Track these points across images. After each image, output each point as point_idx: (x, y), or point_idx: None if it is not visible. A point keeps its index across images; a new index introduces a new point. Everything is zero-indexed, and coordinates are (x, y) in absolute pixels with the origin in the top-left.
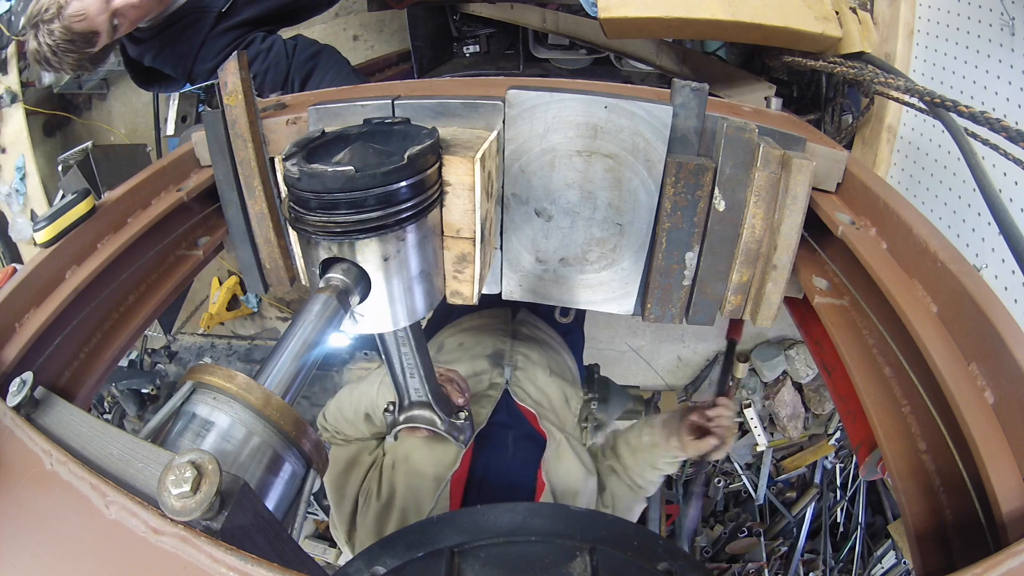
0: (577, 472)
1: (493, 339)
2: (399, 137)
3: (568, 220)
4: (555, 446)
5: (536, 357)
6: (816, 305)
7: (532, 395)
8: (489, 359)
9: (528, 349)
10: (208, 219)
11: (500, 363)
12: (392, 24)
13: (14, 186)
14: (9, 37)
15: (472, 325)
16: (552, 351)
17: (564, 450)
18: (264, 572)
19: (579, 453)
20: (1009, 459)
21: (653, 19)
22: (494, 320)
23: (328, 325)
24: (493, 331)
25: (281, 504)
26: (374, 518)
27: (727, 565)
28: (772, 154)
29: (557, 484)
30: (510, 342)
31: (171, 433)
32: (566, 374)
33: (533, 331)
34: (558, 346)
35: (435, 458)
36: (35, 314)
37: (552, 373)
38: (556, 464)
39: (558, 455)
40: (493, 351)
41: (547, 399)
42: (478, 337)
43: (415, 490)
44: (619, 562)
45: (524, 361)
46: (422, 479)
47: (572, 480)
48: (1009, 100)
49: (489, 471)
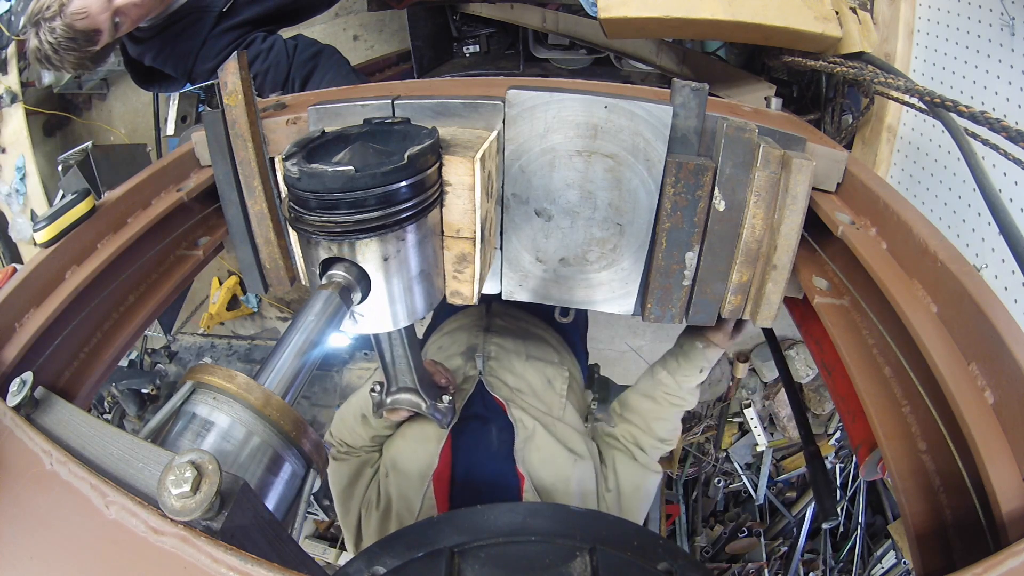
0: (559, 458)
1: (467, 335)
2: (399, 137)
3: (568, 220)
4: (526, 435)
5: (511, 345)
6: (816, 305)
7: (508, 383)
8: (463, 355)
9: (502, 339)
10: (208, 219)
11: (472, 356)
12: (392, 24)
13: (14, 186)
14: (9, 37)
15: (450, 328)
16: (531, 336)
17: (539, 438)
18: (264, 572)
19: (563, 437)
20: (1009, 459)
21: (653, 19)
22: (468, 319)
23: (330, 322)
24: (468, 329)
25: (281, 504)
26: (376, 527)
27: (727, 565)
28: (772, 154)
29: (535, 474)
30: (483, 335)
31: (171, 433)
32: (548, 356)
33: (508, 321)
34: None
35: (416, 459)
36: (35, 314)
37: (530, 358)
38: (530, 454)
39: (532, 444)
40: (467, 347)
41: (526, 384)
42: (453, 338)
43: (404, 493)
44: (619, 562)
45: (498, 351)
46: (408, 481)
47: (555, 467)
48: (1009, 100)
49: (472, 466)
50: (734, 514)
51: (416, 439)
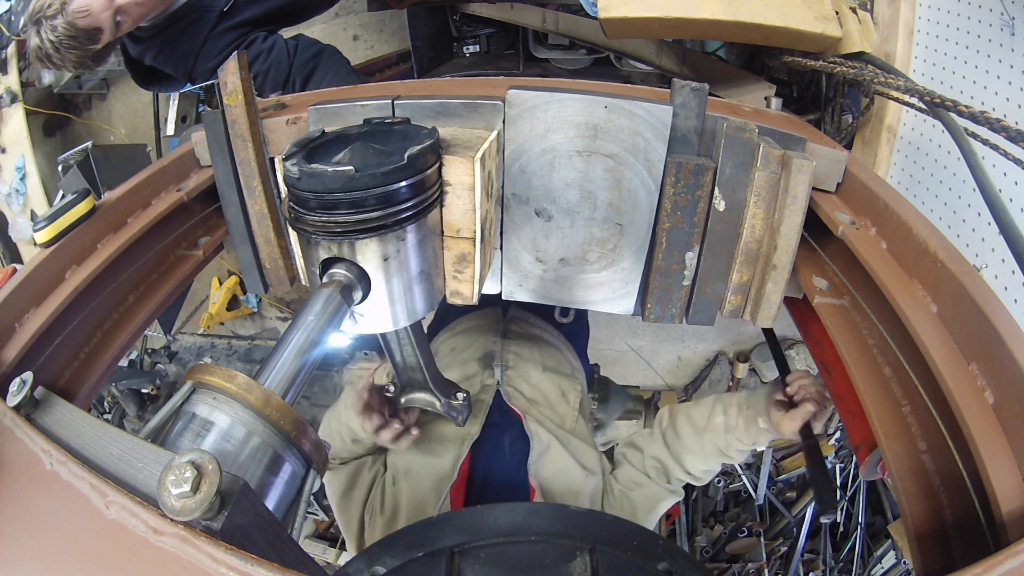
0: (571, 472)
1: (484, 340)
2: (399, 137)
3: (568, 220)
4: (540, 448)
5: (528, 354)
6: (816, 305)
7: (525, 393)
8: (480, 361)
9: (519, 347)
10: (208, 219)
11: (490, 364)
12: (392, 24)
13: (14, 186)
14: (9, 37)
15: (464, 328)
16: (547, 346)
17: (554, 451)
18: (264, 572)
19: (576, 452)
20: (1009, 459)
21: (653, 19)
22: (485, 321)
23: (331, 321)
24: (484, 332)
25: (281, 504)
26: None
27: (727, 565)
28: (772, 154)
29: (546, 487)
30: (501, 342)
31: (171, 433)
32: (563, 368)
33: (525, 328)
34: (554, 340)
35: (432, 468)
36: (35, 314)
37: (546, 369)
38: (542, 467)
39: (546, 457)
40: (484, 352)
41: (542, 396)
42: (469, 339)
43: (417, 501)
44: (619, 562)
45: (515, 359)
46: (423, 489)
47: (567, 481)
48: (1009, 100)
49: (488, 475)
50: (734, 514)
51: (434, 449)
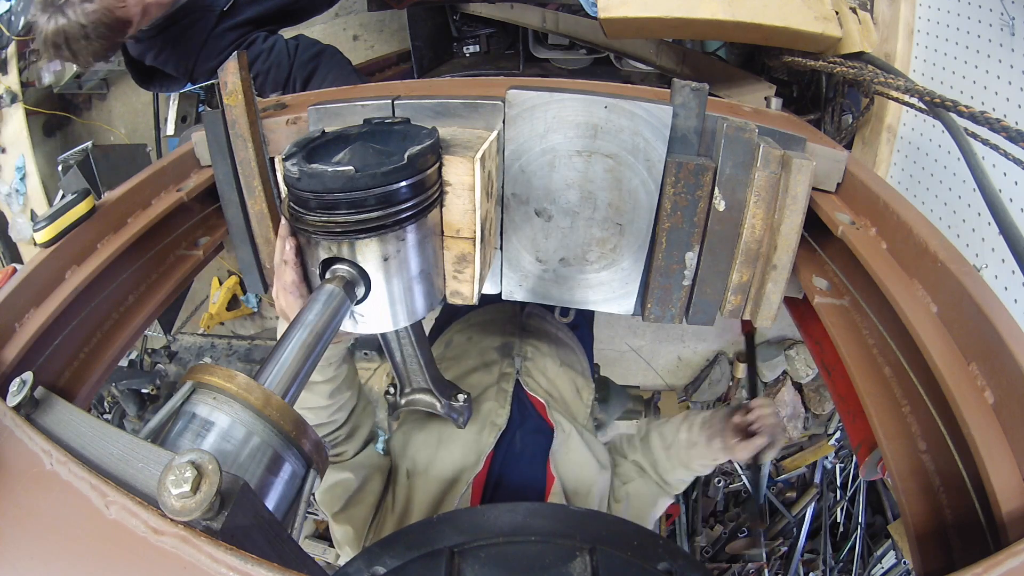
0: (589, 465)
1: (502, 332)
2: (399, 137)
3: (568, 220)
4: (563, 437)
5: (546, 349)
6: (816, 305)
7: (543, 385)
8: (498, 350)
9: (538, 341)
10: (208, 219)
11: (510, 353)
12: (392, 24)
13: (14, 186)
14: (9, 37)
15: (480, 320)
16: (562, 344)
17: (574, 442)
18: (264, 572)
19: (591, 446)
20: (1009, 459)
21: (653, 19)
22: (502, 314)
23: (334, 317)
24: (501, 325)
25: (281, 504)
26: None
27: (727, 565)
28: (772, 154)
29: (567, 477)
30: (519, 334)
31: (171, 433)
32: (576, 366)
33: (542, 324)
34: (567, 339)
35: (453, 462)
36: (35, 314)
37: (562, 364)
38: (565, 456)
39: (567, 447)
40: (502, 343)
41: (557, 390)
42: (486, 331)
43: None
44: (619, 562)
45: (534, 352)
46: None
47: (584, 473)
48: (1009, 100)
49: (506, 466)
50: (734, 514)
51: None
